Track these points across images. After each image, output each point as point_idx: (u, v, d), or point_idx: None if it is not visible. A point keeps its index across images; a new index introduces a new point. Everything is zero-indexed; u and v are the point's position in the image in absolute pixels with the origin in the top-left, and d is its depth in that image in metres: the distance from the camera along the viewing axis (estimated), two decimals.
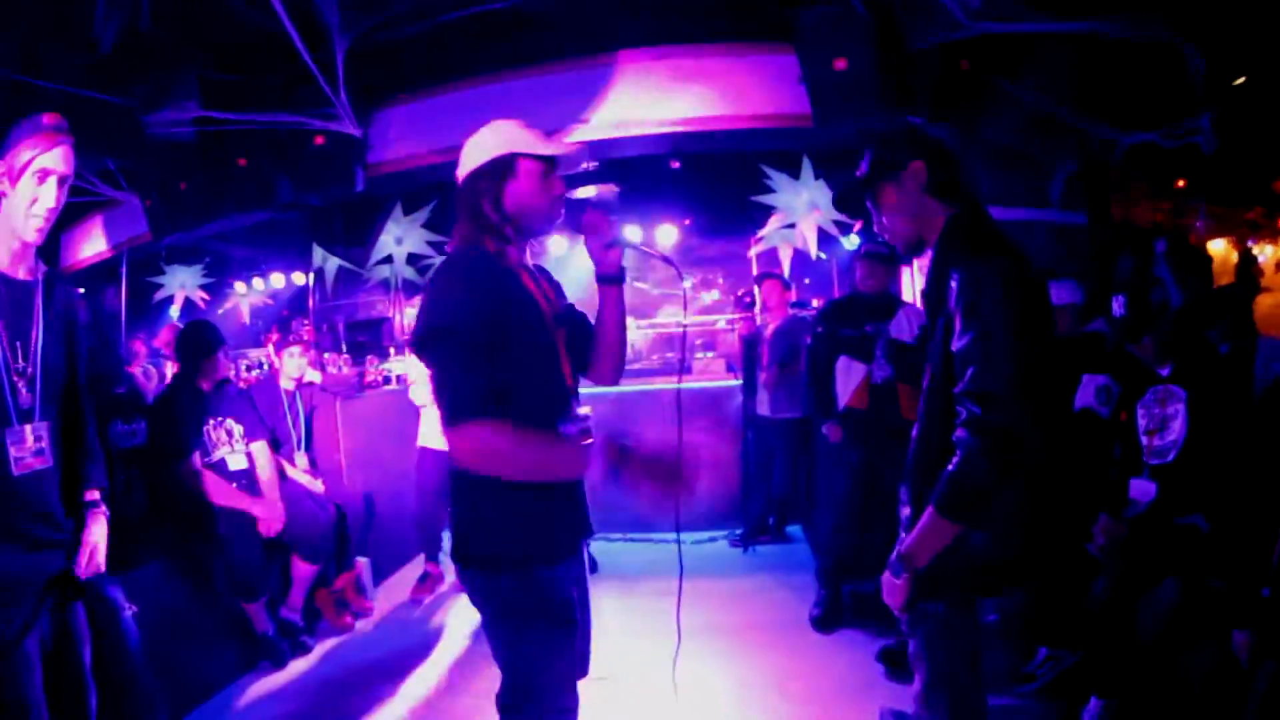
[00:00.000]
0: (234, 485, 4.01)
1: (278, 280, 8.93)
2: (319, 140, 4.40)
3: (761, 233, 7.37)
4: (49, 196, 2.05)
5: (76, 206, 4.97)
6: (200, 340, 4.06)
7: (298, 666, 3.96)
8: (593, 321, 2.16)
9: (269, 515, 3.99)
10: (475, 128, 5.35)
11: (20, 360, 2.07)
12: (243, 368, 7.21)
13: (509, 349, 1.85)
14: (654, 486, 6.00)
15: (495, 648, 1.95)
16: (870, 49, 4.30)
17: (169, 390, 4.22)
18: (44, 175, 2.04)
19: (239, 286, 9.23)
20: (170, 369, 6.79)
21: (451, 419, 1.78)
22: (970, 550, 1.88)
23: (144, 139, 3.70)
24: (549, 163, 2.00)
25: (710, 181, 7.13)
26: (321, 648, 4.18)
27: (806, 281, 9.62)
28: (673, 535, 5.66)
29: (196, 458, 3.92)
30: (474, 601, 1.95)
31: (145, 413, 4.17)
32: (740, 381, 6.01)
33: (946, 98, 4.30)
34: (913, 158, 2.00)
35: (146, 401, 4.57)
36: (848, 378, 4.17)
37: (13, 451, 2.04)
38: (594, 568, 5.09)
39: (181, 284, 8.21)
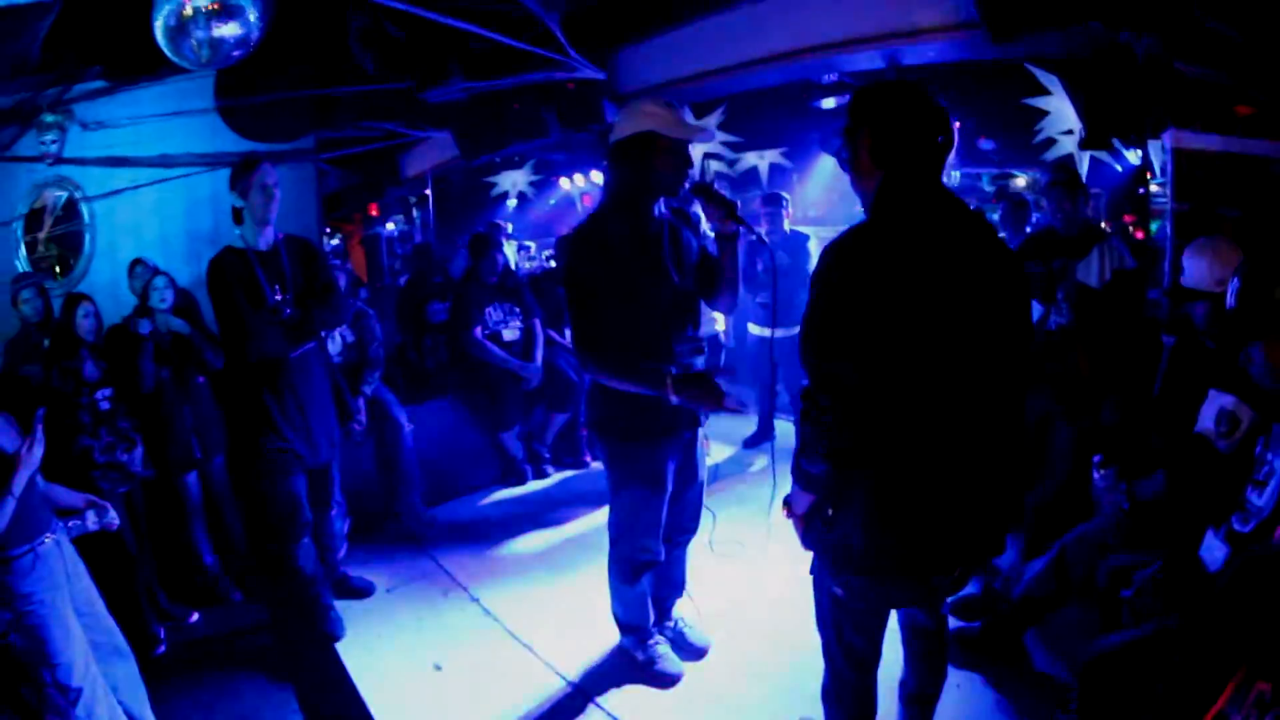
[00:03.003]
0: (505, 351, 5.44)
1: (597, 176, 10.42)
2: (571, 86, 5.49)
3: (1039, 139, 7.21)
4: (269, 198, 3.28)
5: (408, 142, 6.63)
6: (478, 245, 5.50)
7: (535, 485, 5.42)
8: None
9: (529, 375, 5.40)
10: (704, 55, 5.97)
11: (279, 293, 3.35)
12: (544, 256, 8.85)
13: (620, 294, 2.62)
14: None
15: (609, 493, 2.93)
16: None
17: (462, 279, 5.75)
18: (263, 187, 3.26)
19: (564, 182, 10.92)
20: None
21: (575, 344, 2.75)
22: (826, 520, 2.00)
23: (429, 106, 5.13)
24: (681, 141, 2.62)
25: (974, 85, 7.03)
26: (559, 476, 5.57)
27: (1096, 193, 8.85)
28: None
29: (478, 330, 5.39)
30: (599, 457, 2.96)
31: (452, 296, 5.81)
32: None
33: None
34: (862, 121, 1.99)
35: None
36: None
37: None
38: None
39: (513, 182, 10.11)
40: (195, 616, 3.93)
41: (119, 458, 3.69)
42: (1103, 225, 8.73)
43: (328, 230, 12.94)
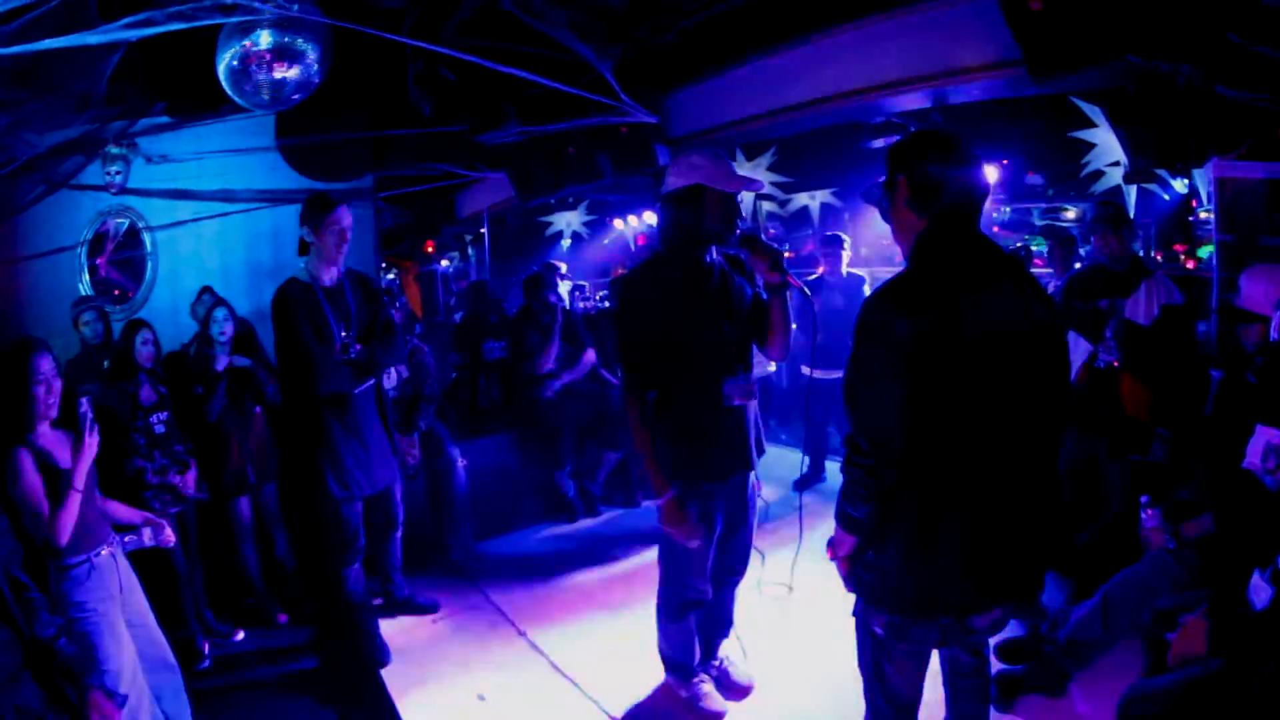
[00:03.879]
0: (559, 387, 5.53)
1: (650, 217, 10.59)
2: (624, 129, 5.62)
3: (1086, 172, 7.16)
4: (342, 240, 3.40)
5: (465, 181, 6.85)
6: (533, 285, 5.62)
7: (585, 523, 5.45)
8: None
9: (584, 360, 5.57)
10: (755, 99, 6.02)
11: (345, 330, 3.46)
12: (598, 296, 8.99)
13: (669, 335, 2.75)
14: None
15: (659, 531, 2.95)
16: None
17: (516, 318, 5.87)
18: (338, 230, 3.39)
19: (618, 223, 11.10)
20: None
21: (621, 384, 2.90)
22: (867, 562, 2.04)
23: (484, 148, 5.32)
24: (728, 193, 2.74)
25: (1021, 120, 7.02)
26: (610, 514, 5.59)
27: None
28: None
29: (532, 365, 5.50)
30: (650, 495, 3.03)
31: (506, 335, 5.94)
32: None
33: (1175, 26, 3.47)
34: (898, 170, 2.02)
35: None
36: (1072, 356, 3.66)
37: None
38: None
39: (567, 222, 10.36)
40: (241, 635, 4.06)
41: (171, 480, 3.82)
42: (1154, 255, 8.56)
43: (383, 265, 13.34)
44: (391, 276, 13.26)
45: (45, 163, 5.26)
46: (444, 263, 13.44)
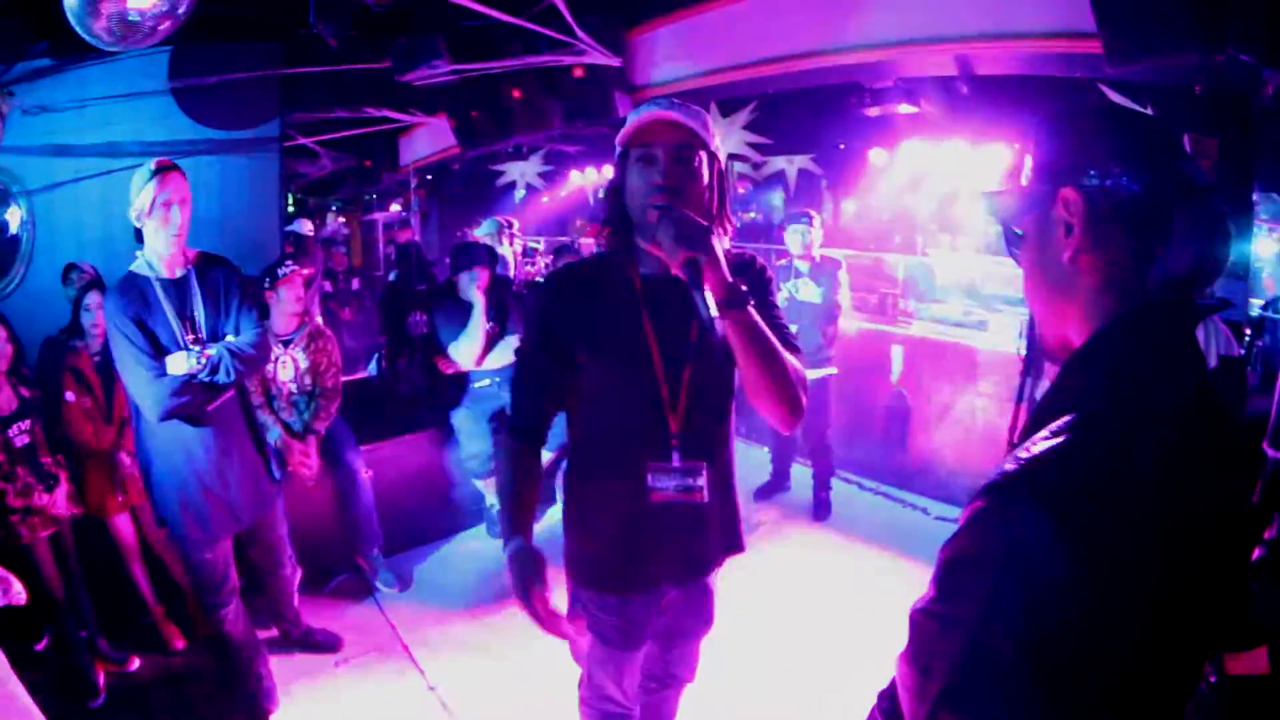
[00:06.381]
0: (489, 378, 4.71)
1: (609, 171, 9.67)
2: (578, 73, 4.75)
3: None
4: (175, 218, 2.64)
5: (405, 125, 5.96)
6: (455, 259, 4.66)
7: None
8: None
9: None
10: (740, 45, 5.17)
11: (189, 332, 2.71)
12: (543, 264, 8.11)
13: (571, 378, 1.83)
14: (917, 444, 5.63)
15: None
16: None
17: (438, 292, 5.00)
18: (166, 204, 2.62)
19: (575, 175, 10.17)
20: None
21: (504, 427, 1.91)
22: None
23: (417, 90, 4.44)
24: (651, 155, 1.71)
25: (1035, 99, 6.22)
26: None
27: None
28: (922, 502, 5.21)
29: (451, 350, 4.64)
30: None
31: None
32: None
33: None
34: (1064, 180, 0.97)
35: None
36: None
37: None
38: (826, 514, 5.06)
39: (521, 172, 9.40)
40: (137, 663, 3.50)
41: (38, 500, 3.17)
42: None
43: (333, 210, 12.37)
44: (342, 221, 12.31)
45: None
46: (394, 207, 12.47)
